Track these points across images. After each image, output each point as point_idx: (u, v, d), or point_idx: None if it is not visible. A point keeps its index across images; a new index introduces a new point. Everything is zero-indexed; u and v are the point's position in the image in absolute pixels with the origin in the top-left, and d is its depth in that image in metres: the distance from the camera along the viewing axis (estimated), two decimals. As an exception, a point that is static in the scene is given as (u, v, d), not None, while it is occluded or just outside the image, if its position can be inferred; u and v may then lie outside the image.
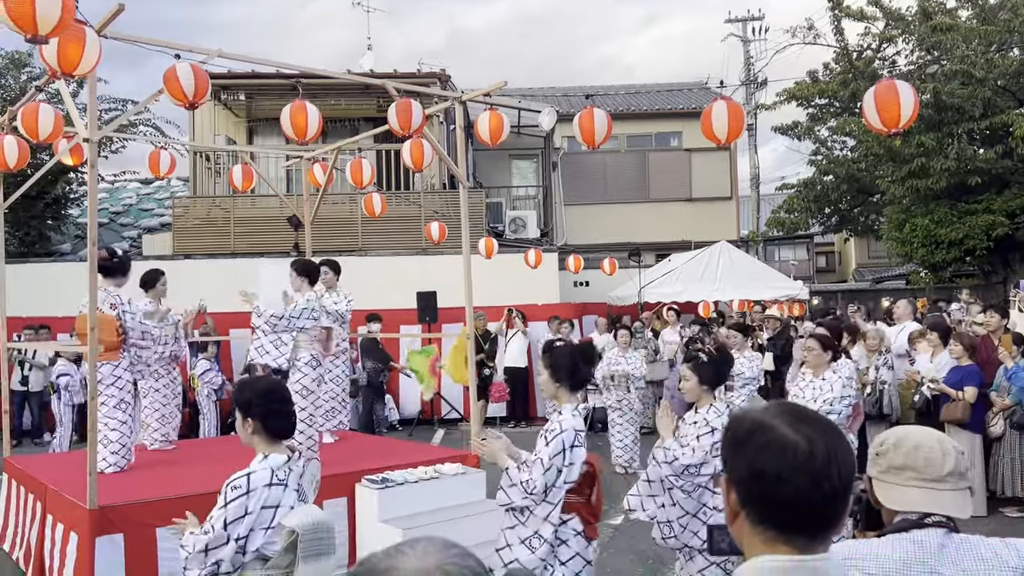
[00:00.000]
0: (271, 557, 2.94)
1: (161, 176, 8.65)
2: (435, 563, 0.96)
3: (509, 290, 12.95)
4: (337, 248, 13.27)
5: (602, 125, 5.95)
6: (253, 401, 3.00)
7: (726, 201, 20.36)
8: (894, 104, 4.67)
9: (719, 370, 4.11)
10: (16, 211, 12.95)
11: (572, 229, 18.60)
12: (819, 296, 19.67)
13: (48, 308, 11.99)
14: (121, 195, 20.65)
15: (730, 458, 1.34)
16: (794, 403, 1.39)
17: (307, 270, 6.41)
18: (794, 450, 1.25)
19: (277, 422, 3.02)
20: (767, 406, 1.37)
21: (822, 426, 1.30)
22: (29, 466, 6.70)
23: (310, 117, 5.88)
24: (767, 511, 1.28)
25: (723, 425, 3.82)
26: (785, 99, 19.58)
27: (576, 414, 3.63)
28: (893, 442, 1.83)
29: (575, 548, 3.60)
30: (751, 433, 1.30)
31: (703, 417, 3.99)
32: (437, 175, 15.31)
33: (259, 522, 2.90)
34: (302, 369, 6.26)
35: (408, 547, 1.00)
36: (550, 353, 3.68)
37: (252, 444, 3.05)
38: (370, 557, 1.00)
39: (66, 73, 4.25)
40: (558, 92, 24.11)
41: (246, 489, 2.89)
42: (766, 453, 1.27)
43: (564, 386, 3.64)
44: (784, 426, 1.28)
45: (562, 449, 3.48)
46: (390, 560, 0.97)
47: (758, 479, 1.27)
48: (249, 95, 15.40)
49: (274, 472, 2.95)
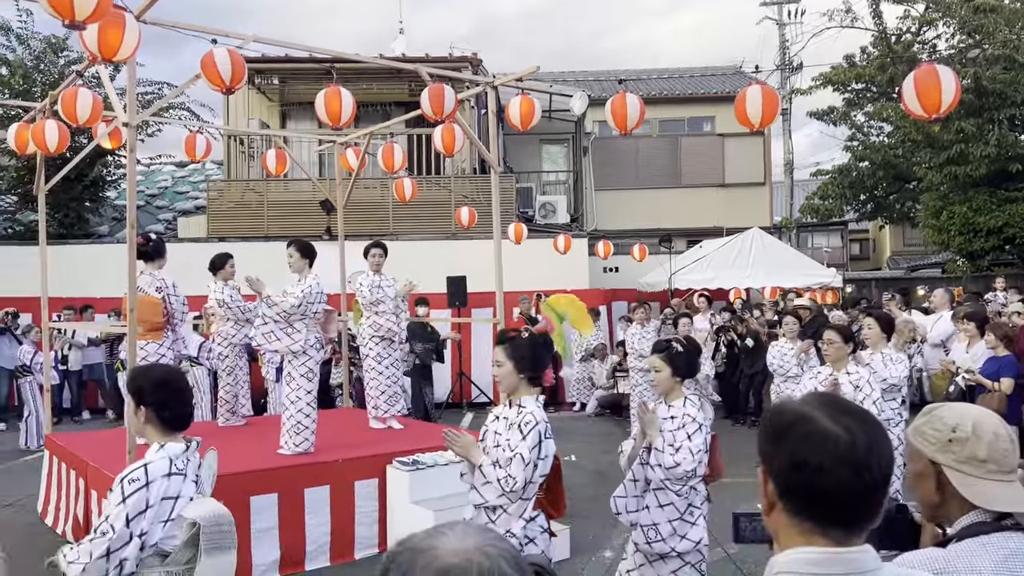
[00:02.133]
0: (170, 552, 2.76)
1: (196, 160, 8.78)
2: (474, 544, 0.99)
3: (538, 275, 12.95)
4: (368, 232, 13.34)
5: (635, 110, 5.92)
6: (146, 390, 2.84)
7: (759, 187, 20.14)
8: (935, 89, 4.59)
9: (692, 360, 3.91)
10: (56, 193, 13.18)
11: (602, 214, 18.53)
12: (853, 284, 19.43)
13: (87, 289, 12.23)
14: (157, 178, 20.93)
15: (769, 449, 1.33)
16: (833, 394, 1.38)
17: (309, 251, 6.37)
18: (835, 441, 1.25)
19: (171, 412, 2.86)
20: (806, 397, 1.36)
21: (862, 417, 1.30)
22: (70, 443, 6.87)
23: (344, 102, 5.92)
24: (806, 503, 1.28)
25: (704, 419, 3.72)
26: (821, 84, 19.30)
27: (539, 404, 3.49)
28: (971, 429, 1.69)
29: (541, 546, 3.46)
30: (792, 424, 1.30)
31: (683, 412, 3.75)
32: (468, 160, 15.32)
33: (158, 515, 2.73)
34: (307, 351, 6.20)
35: (448, 528, 1.02)
36: (511, 344, 3.48)
37: (144, 434, 2.90)
38: (411, 537, 1.03)
39: (106, 59, 4.32)
40: (590, 77, 23.96)
41: (145, 481, 2.70)
42: (807, 444, 1.26)
43: (526, 378, 3.48)
44: (825, 418, 1.28)
45: (539, 441, 3.34)
46: (431, 540, 1.00)
47: (798, 470, 1.27)
48: (283, 79, 15.50)
49: (172, 461, 2.78)
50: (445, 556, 0.97)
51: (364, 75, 13.86)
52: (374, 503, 5.96)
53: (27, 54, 15.51)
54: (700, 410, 3.77)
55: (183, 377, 3.11)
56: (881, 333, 5.89)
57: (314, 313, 6.20)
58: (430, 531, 1.03)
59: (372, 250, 7.48)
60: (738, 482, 8.06)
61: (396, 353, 7.58)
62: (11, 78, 15.07)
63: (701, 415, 3.74)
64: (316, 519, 5.71)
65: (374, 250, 7.48)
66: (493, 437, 3.51)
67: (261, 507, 5.49)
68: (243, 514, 5.38)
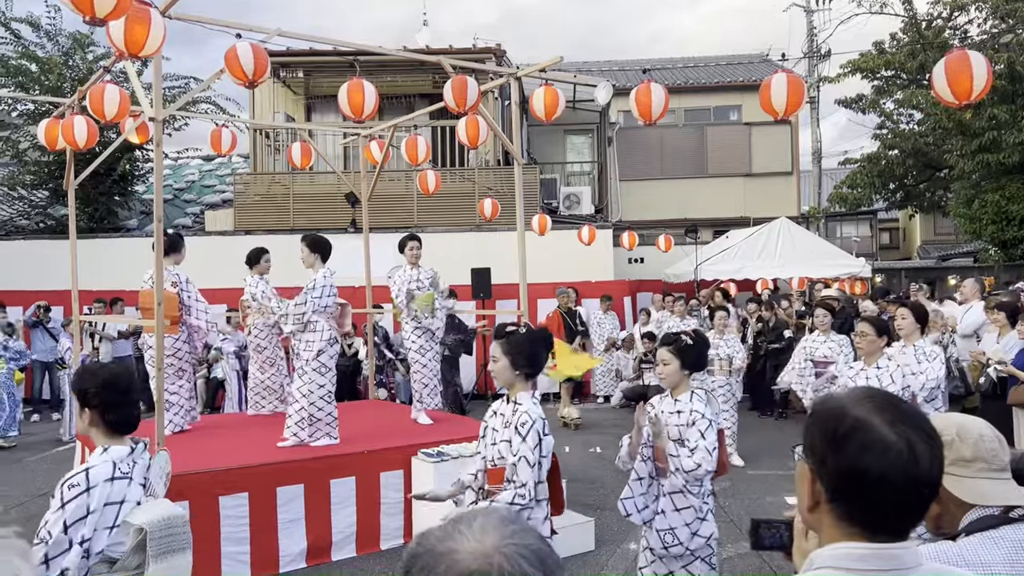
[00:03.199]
0: (118, 559, 2.67)
1: (223, 154, 8.84)
2: (493, 544, 0.96)
3: (562, 267, 12.93)
4: (392, 224, 13.40)
5: (659, 100, 5.87)
6: (91, 391, 2.75)
7: (786, 176, 19.92)
8: (966, 76, 4.50)
9: (701, 354, 3.80)
10: (86, 188, 13.37)
11: (627, 205, 18.43)
12: (882, 274, 19.19)
13: (116, 282, 12.39)
14: (184, 172, 21.13)
15: (823, 451, 1.30)
16: (887, 394, 1.33)
17: (320, 246, 6.36)
18: (897, 453, 1.23)
19: (116, 415, 2.77)
20: (859, 397, 1.32)
21: (918, 422, 1.28)
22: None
23: (367, 95, 5.92)
24: (860, 508, 1.26)
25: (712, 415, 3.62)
26: (849, 71, 19.02)
27: (536, 401, 3.45)
28: (956, 432, 1.78)
29: None
30: (851, 431, 1.27)
31: (690, 408, 3.66)
32: (492, 151, 15.31)
33: (102, 521, 2.62)
34: (320, 344, 6.17)
35: (465, 526, 0.99)
36: (507, 339, 3.45)
37: (90, 436, 2.81)
38: (427, 536, 1.00)
39: (132, 55, 4.36)
40: (614, 66, 23.82)
41: (86, 486, 2.60)
42: (867, 454, 1.24)
43: (522, 374, 3.44)
44: (884, 425, 1.25)
45: (539, 441, 3.31)
46: (449, 542, 0.97)
47: (856, 479, 1.25)
48: (307, 72, 15.57)
49: (116, 465, 2.69)
50: (465, 560, 0.95)
51: (388, 67, 13.88)
52: (400, 494, 5.99)
53: (56, 50, 15.70)
54: (707, 405, 3.69)
55: (131, 378, 2.98)
56: (915, 324, 5.75)
57: (324, 307, 6.20)
58: (447, 528, 1.00)
59: (409, 243, 7.37)
60: (768, 474, 8.07)
61: (437, 347, 7.55)
62: (41, 74, 15.27)
63: (709, 410, 3.66)
64: (342, 510, 5.76)
65: (411, 243, 7.37)
66: (491, 434, 3.50)
67: (288, 498, 5.55)
68: (270, 505, 5.45)
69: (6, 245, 14.60)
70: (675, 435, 3.65)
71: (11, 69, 15.24)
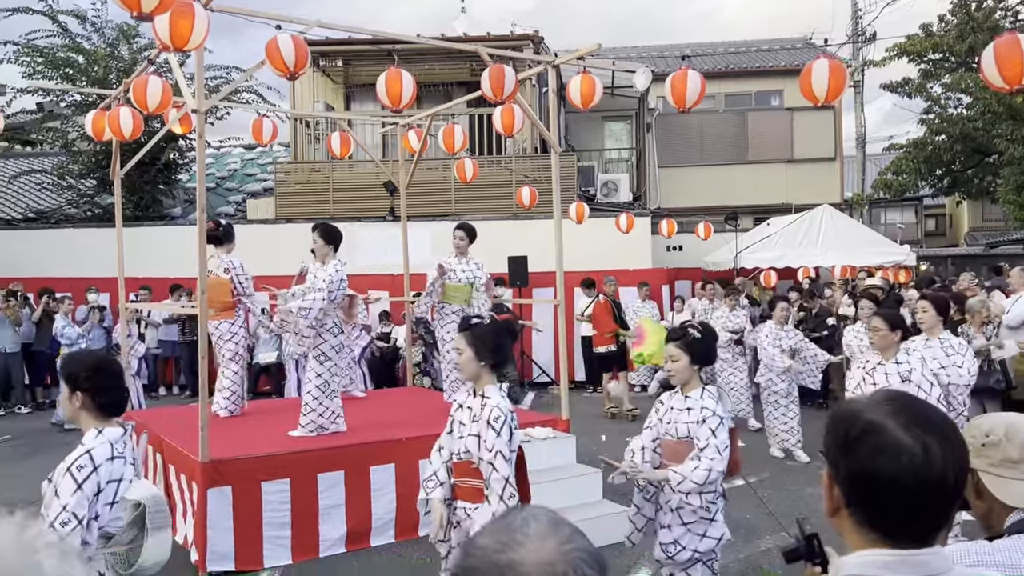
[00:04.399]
0: (115, 533, 2.79)
1: (264, 143, 8.95)
2: (554, 550, 0.93)
3: (600, 255, 12.88)
4: (430, 213, 13.47)
5: (695, 87, 5.79)
6: (81, 376, 2.82)
7: (829, 162, 19.58)
8: (1016, 60, 4.38)
9: (710, 347, 3.69)
10: (131, 177, 13.62)
11: (666, 192, 18.27)
12: (927, 262, 18.81)
13: (161, 269, 12.65)
14: (226, 160, 21.42)
15: (837, 455, 1.29)
16: (905, 396, 1.31)
17: (333, 237, 6.28)
18: (910, 455, 1.21)
19: (107, 398, 2.84)
20: (876, 400, 1.31)
21: (936, 425, 1.25)
22: (147, 419, 7.14)
23: (405, 85, 5.95)
24: (875, 513, 1.25)
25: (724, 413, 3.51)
26: (895, 54, 18.60)
27: (503, 394, 3.39)
28: (1003, 433, 1.73)
29: None
30: (864, 434, 1.25)
31: (700, 405, 3.54)
32: (529, 139, 15.27)
33: (105, 497, 2.74)
34: (323, 335, 6.10)
35: (520, 533, 0.94)
36: (471, 331, 3.40)
37: (78, 420, 2.88)
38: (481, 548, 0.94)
39: (177, 49, 4.43)
40: (653, 51, 23.57)
41: (93, 466, 2.71)
42: (879, 457, 1.23)
43: (487, 366, 3.39)
44: (898, 428, 1.24)
45: (511, 434, 3.27)
46: (510, 553, 0.92)
47: (869, 482, 1.24)
48: (346, 61, 15.67)
49: (113, 446, 2.79)
50: (531, 571, 0.90)
51: (425, 55, 13.91)
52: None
53: (102, 42, 15.99)
54: (719, 402, 3.57)
55: (117, 362, 3.08)
56: (937, 317, 5.57)
57: (335, 300, 6.18)
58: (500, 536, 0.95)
59: (454, 232, 7.22)
60: (809, 464, 7.99)
61: None
62: (87, 66, 15.57)
63: (720, 408, 3.54)
64: (382, 496, 5.83)
65: (456, 232, 7.23)
66: (459, 428, 3.48)
67: (328, 484, 5.64)
68: (311, 491, 5.53)
69: (56, 233, 14.97)
70: (684, 433, 3.55)
71: (58, 61, 15.56)
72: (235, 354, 7.22)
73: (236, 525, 5.24)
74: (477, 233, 7.44)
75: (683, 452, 3.55)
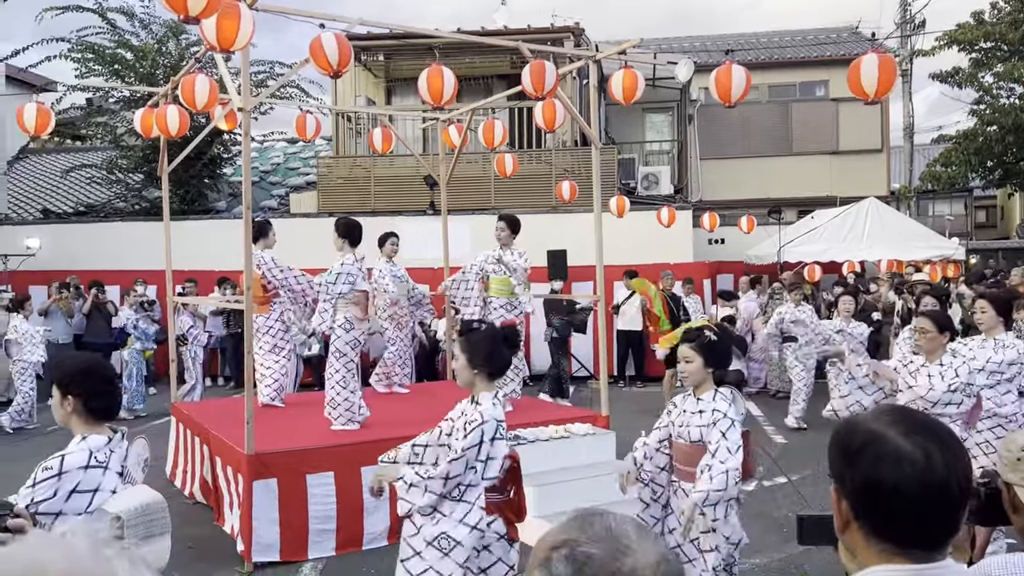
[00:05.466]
0: None
1: (307, 139, 9.06)
2: (654, 549, 0.96)
3: (640, 249, 12.80)
4: (470, 207, 13.50)
5: (740, 81, 5.72)
6: (74, 380, 2.75)
7: (876, 154, 19.20)
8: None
9: (726, 350, 3.63)
10: (177, 171, 13.87)
11: (708, 185, 18.09)
12: (977, 255, 18.37)
13: (206, 262, 12.87)
14: (270, 155, 21.70)
15: (842, 468, 1.31)
16: (905, 407, 1.35)
17: (347, 230, 6.40)
18: (911, 462, 1.23)
19: (99, 403, 2.78)
20: (878, 412, 1.33)
21: (937, 433, 1.27)
22: (193, 411, 7.30)
23: (446, 81, 5.98)
24: (883, 523, 1.26)
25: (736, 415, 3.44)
26: (945, 43, 18.15)
27: (497, 403, 3.32)
28: None
29: (498, 554, 3.28)
30: (865, 444, 1.27)
31: (712, 407, 3.47)
32: (569, 132, 15.22)
33: (72, 507, 2.64)
34: (336, 331, 6.25)
35: (625, 538, 0.97)
36: (467, 337, 3.37)
37: (69, 424, 2.80)
38: (594, 556, 0.95)
39: (224, 49, 4.52)
40: (696, 43, 23.31)
41: (58, 471, 2.63)
42: (883, 465, 1.24)
43: (483, 373, 3.33)
44: (899, 436, 1.25)
45: (479, 442, 3.20)
46: (625, 559, 0.94)
47: (873, 492, 1.25)
48: (387, 55, 15.77)
49: (92, 454, 2.70)
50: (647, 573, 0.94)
51: (466, 49, 13.93)
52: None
53: (150, 38, 16.30)
54: (732, 405, 3.50)
55: (109, 366, 2.99)
56: (997, 317, 5.26)
57: (339, 293, 6.22)
58: (606, 542, 0.96)
59: (496, 223, 7.24)
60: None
61: None
62: (136, 62, 15.88)
63: (733, 410, 3.48)
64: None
65: (498, 223, 7.24)
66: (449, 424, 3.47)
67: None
68: (355, 484, 5.59)
69: (105, 227, 15.32)
70: (697, 436, 3.49)
71: (108, 57, 15.90)
72: (273, 346, 7.43)
73: (281, 517, 5.33)
74: (520, 223, 7.42)
75: (696, 456, 3.50)
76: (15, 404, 10.13)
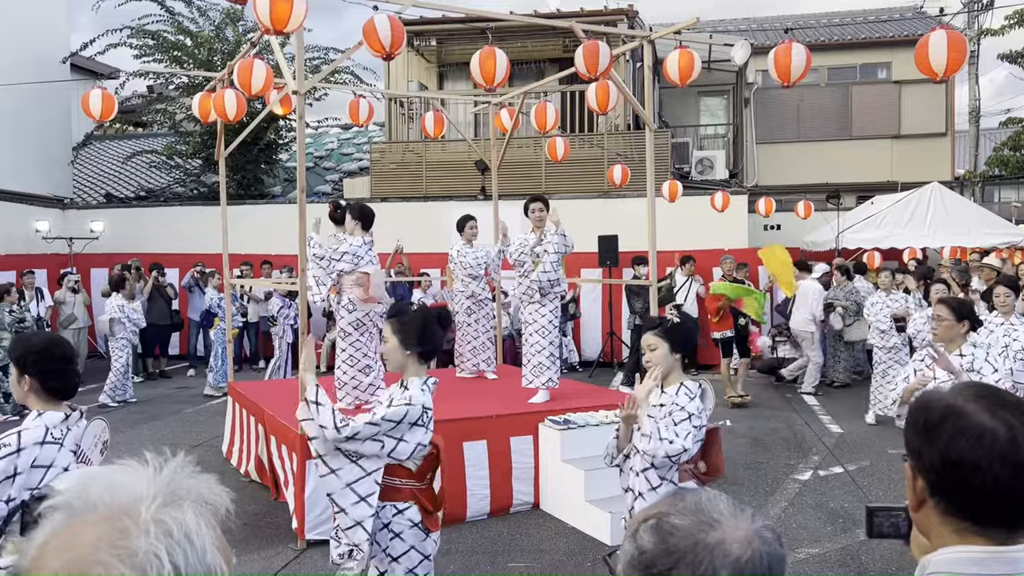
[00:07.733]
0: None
1: (360, 124, 9.11)
2: (748, 527, 0.96)
3: (694, 234, 12.62)
4: (521, 191, 13.45)
5: (800, 61, 5.58)
6: (30, 358, 2.75)
7: (940, 138, 18.60)
8: None
9: (691, 336, 3.56)
10: (234, 156, 14.12)
11: (764, 169, 17.74)
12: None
13: (262, 246, 13.09)
14: (324, 140, 21.95)
15: (919, 445, 1.25)
16: (988, 384, 1.28)
17: (362, 214, 6.42)
18: (993, 437, 1.16)
19: (56, 382, 2.77)
20: (959, 388, 1.26)
21: (1021, 409, 1.20)
22: (249, 391, 7.43)
23: (499, 63, 5.94)
24: (962, 502, 1.20)
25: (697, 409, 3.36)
26: (1016, 22, 17.46)
27: (425, 389, 3.19)
28: None
29: (410, 542, 3.20)
30: (945, 419, 1.21)
31: (672, 400, 3.41)
32: (621, 116, 15.05)
33: (27, 483, 2.64)
34: (340, 312, 6.36)
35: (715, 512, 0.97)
36: (398, 318, 3.25)
37: (27, 402, 2.81)
38: (681, 527, 0.96)
39: (277, 31, 4.54)
40: (753, 25, 22.83)
41: (16, 448, 2.62)
42: (963, 441, 1.18)
43: (414, 355, 3.21)
44: (982, 411, 1.19)
45: (399, 420, 3.07)
46: (712, 532, 0.95)
47: (953, 469, 1.19)
48: (440, 40, 15.77)
49: (48, 430, 2.70)
50: (735, 549, 0.93)
51: (518, 33, 13.85)
52: (529, 459, 6.10)
53: (208, 25, 16.58)
54: (695, 400, 3.42)
55: (68, 345, 2.98)
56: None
57: (340, 270, 6.24)
58: (698, 515, 0.97)
59: (530, 205, 7.05)
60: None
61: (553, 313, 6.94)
62: (195, 49, 16.18)
63: (694, 405, 3.40)
64: (475, 472, 5.91)
65: (532, 205, 7.04)
66: None
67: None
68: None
69: (164, 211, 15.69)
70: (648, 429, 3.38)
71: (167, 44, 16.23)
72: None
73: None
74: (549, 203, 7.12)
75: None
76: (109, 380, 10.59)
